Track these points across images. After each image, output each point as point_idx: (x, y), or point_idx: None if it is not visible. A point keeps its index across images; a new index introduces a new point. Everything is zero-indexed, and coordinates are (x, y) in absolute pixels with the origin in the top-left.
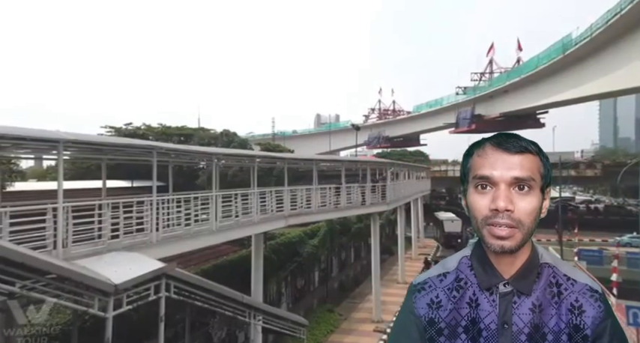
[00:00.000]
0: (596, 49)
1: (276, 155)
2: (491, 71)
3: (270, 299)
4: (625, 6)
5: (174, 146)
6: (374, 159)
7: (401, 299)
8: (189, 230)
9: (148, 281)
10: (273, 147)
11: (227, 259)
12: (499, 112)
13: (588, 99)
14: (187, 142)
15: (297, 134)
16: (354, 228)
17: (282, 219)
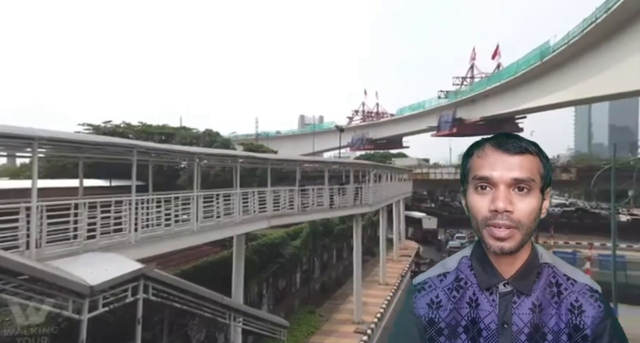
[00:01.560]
0: (572, 57)
1: (259, 155)
2: (473, 76)
3: (251, 300)
4: (600, 15)
5: (155, 145)
6: (357, 161)
7: (381, 300)
8: (169, 230)
9: (126, 282)
10: (256, 147)
11: (208, 260)
12: (480, 116)
13: (564, 105)
14: (169, 142)
15: (280, 135)
16: (337, 229)
17: (264, 220)
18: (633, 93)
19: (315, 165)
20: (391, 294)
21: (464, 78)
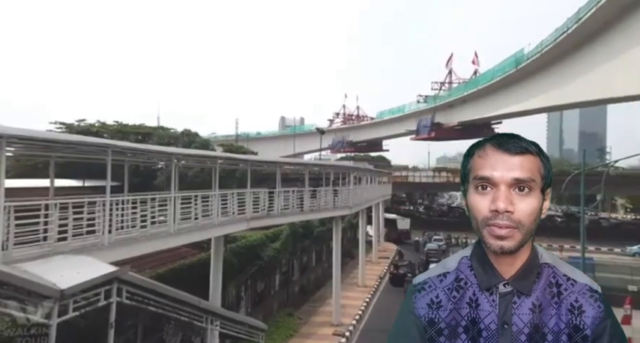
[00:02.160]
0: (545, 65)
1: (239, 156)
2: (451, 81)
3: (229, 303)
4: (571, 25)
5: (131, 145)
6: (337, 164)
7: (360, 302)
8: (145, 232)
9: (98, 285)
10: (236, 148)
11: (185, 262)
12: (457, 121)
13: (538, 112)
14: (145, 141)
15: (261, 136)
16: (317, 231)
17: (243, 222)
18: (600, 102)
19: (296, 167)
20: (370, 296)
21: (442, 83)
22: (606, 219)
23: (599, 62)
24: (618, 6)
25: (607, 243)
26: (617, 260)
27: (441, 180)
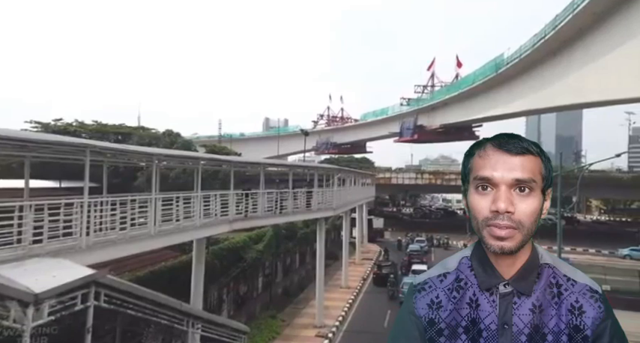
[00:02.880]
0: (524, 70)
1: (222, 157)
2: (433, 85)
3: (211, 306)
4: (548, 32)
5: (111, 145)
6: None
7: (343, 303)
8: (124, 234)
9: (75, 289)
10: (219, 149)
11: (166, 265)
12: (439, 124)
13: (517, 116)
14: (125, 142)
15: (244, 137)
16: (300, 233)
17: (226, 224)
18: (574, 107)
19: (280, 169)
20: (353, 297)
21: (425, 86)
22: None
23: (574, 68)
24: (592, 14)
25: (582, 244)
26: (590, 261)
27: (423, 181)
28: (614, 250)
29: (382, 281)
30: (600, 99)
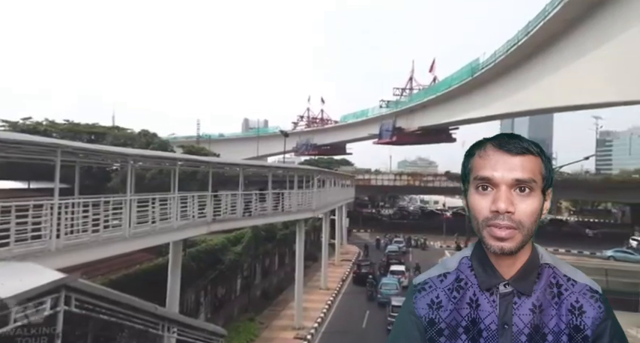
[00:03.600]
0: (498, 74)
1: (200, 158)
2: (412, 87)
3: (188, 309)
4: (521, 38)
5: (83, 145)
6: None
7: (322, 305)
8: (97, 237)
9: (44, 294)
10: (197, 150)
11: (141, 268)
12: (417, 126)
13: (492, 119)
14: (99, 142)
15: (223, 138)
16: (280, 234)
17: (204, 226)
18: (545, 111)
19: (259, 170)
20: (332, 299)
21: (403, 89)
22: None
23: (546, 73)
24: (563, 21)
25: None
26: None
27: (401, 183)
28: (595, 251)
29: (362, 280)
30: (570, 103)
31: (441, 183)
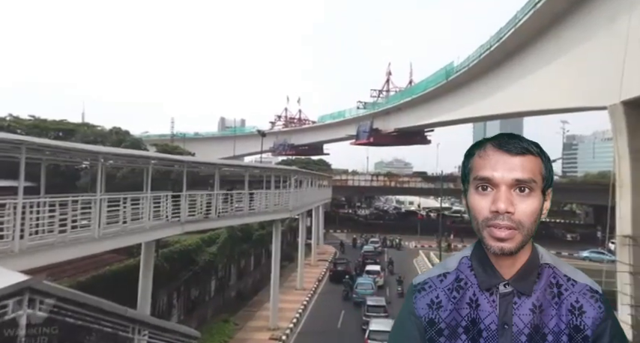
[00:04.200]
0: (472, 78)
1: (174, 157)
2: (388, 89)
3: (160, 311)
4: (493, 44)
5: (50, 142)
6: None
7: (298, 305)
8: (64, 237)
9: (6, 296)
10: (171, 148)
11: (110, 269)
12: (394, 128)
13: (464, 122)
14: (68, 139)
15: (199, 136)
16: (256, 234)
17: (177, 226)
18: (516, 114)
19: (235, 169)
20: (307, 299)
21: (380, 91)
22: None
23: (515, 78)
24: (532, 29)
25: None
26: None
27: (378, 184)
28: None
29: (338, 278)
30: (538, 108)
31: (416, 183)
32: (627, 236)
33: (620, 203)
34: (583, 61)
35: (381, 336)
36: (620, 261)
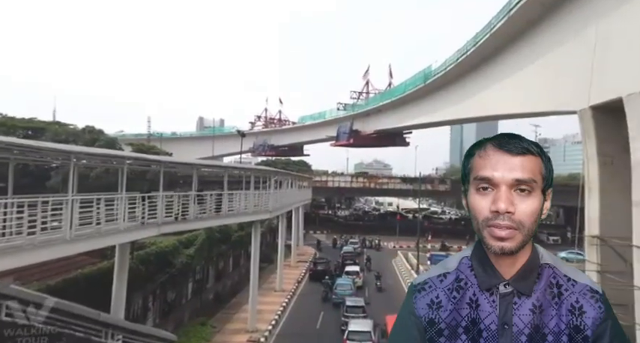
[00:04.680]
0: (449, 82)
1: (150, 157)
2: (368, 91)
3: (135, 315)
4: (470, 48)
5: (19, 141)
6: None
7: (277, 307)
8: (32, 239)
9: None
10: (147, 148)
11: (82, 272)
12: (373, 129)
13: (442, 124)
14: (38, 138)
15: (176, 136)
16: (235, 236)
17: (154, 228)
18: (491, 118)
19: (214, 170)
20: (287, 300)
21: (360, 92)
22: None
23: (490, 82)
24: (507, 35)
25: None
26: None
27: (358, 185)
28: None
29: (318, 277)
30: (512, 112)
31: (395, 185)
32: (595, 236)
33: (588, 204)
34: (554, 66)
35: (359, 336)
36: (589, 261)
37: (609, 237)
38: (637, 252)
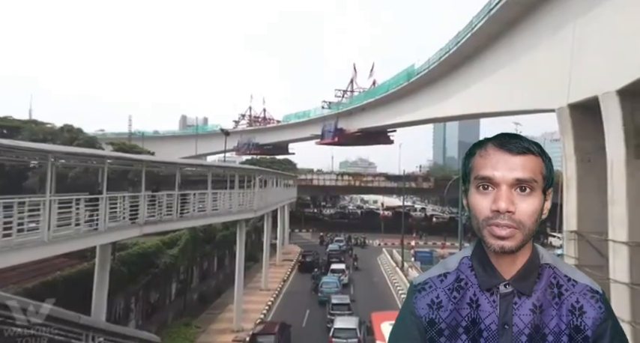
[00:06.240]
0: (432, 80)
1: (131, 156)
2: (352, 90)
3: (117, 316)
4: (452, 47)
5: None
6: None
7: (262, 306)
8: (8, 241)
9: None
10: (129, 147)
11: (62, 274)
12: (357, 128)
13: (426, 122)
14: (13, 137)
15: (159, 135)
16: (219, 235)
17: (136, 228)
18: (474, 116)
19: (198, 169)
20: (272, 299)
21: (345, 91)
22: None
23: (472, 81)
24: (487, 35)
25: None
26: None
27: (343, 183)
28: None
29: (307, 268)
30: (493, 110)
31: (380, 183)
32: (573, 231)
33: (567, 200)
34: (533, 65)
35: (345, 334)
36: (567, 255)
37: (587, 231)
38: (613, 246)
